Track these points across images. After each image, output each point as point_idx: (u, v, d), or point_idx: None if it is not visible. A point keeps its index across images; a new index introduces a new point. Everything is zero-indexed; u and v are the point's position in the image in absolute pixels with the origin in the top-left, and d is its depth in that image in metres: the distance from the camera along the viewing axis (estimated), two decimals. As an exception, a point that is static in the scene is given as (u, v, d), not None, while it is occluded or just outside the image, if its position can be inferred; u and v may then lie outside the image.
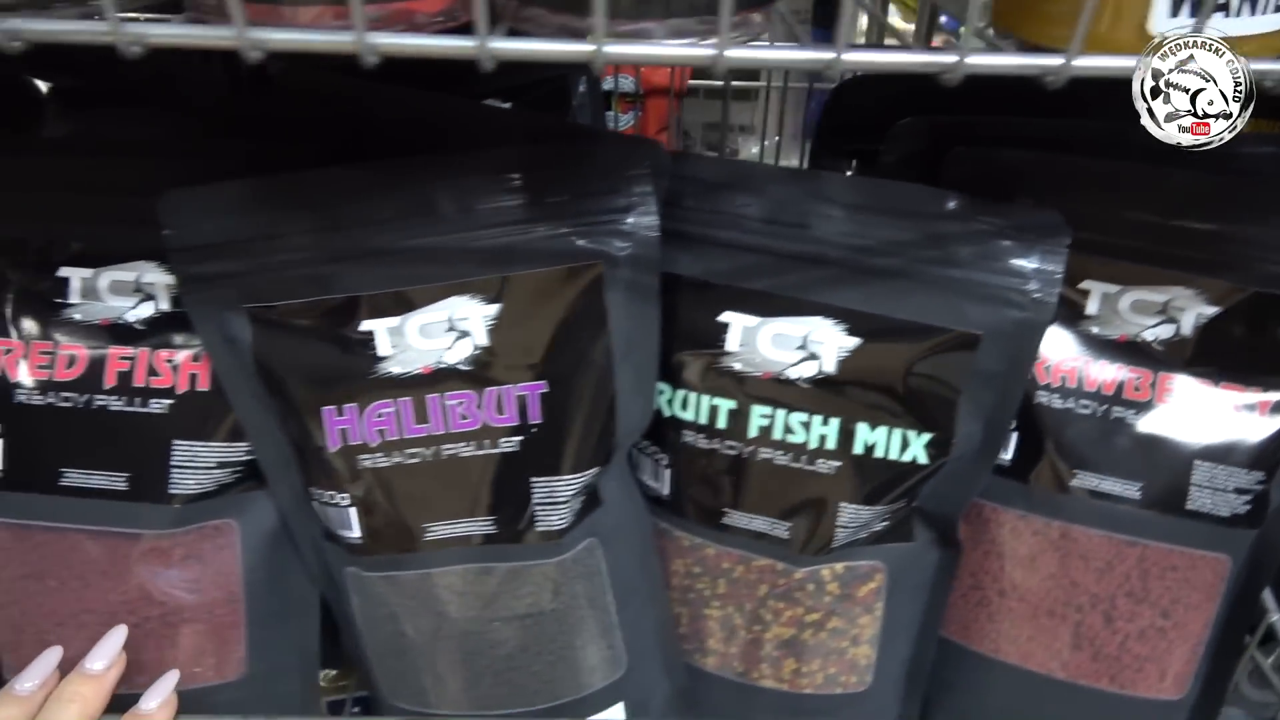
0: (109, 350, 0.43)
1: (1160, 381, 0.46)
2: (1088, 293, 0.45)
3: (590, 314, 0.40)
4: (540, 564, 0.42)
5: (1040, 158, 0.46)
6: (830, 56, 0.26)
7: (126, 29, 0.27)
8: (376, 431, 0.41)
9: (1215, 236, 0.44)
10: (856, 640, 0.46)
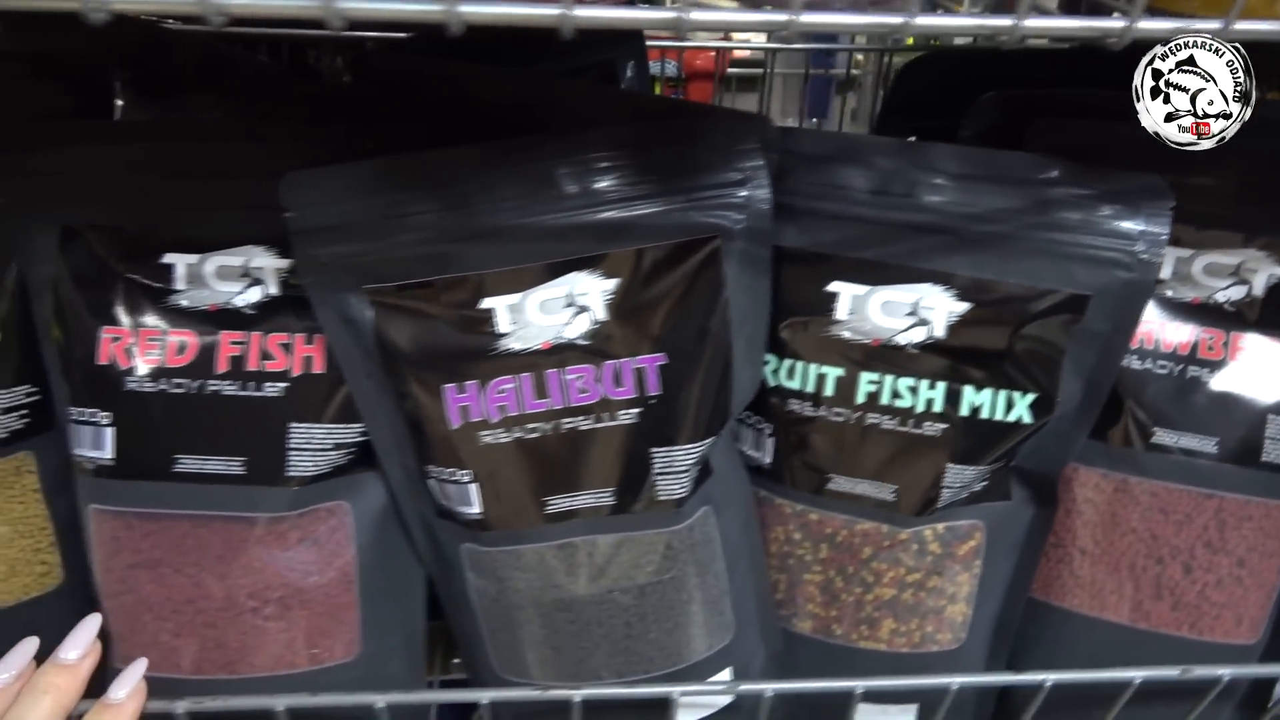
0: (220, 335, 0.43)
1: (1233, 341, 0.48)
2: (1163, 258, 0.47)
3: (708, 286, 0.41)
4: (660, 532, 0.43)
5: (1118, 127, 0.47)
6: (1008, 24, 0.27)
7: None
8: (497, 408, 0.41)
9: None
10: (954, 598, 0.48)
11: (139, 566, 0.43)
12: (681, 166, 0.40)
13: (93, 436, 0.43)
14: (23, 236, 0.43)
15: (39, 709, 0.38)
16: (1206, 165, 0.46)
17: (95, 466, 0.43)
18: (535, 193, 0.40)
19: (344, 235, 0.40)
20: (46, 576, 0.48)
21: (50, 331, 0.44)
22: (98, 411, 0.43)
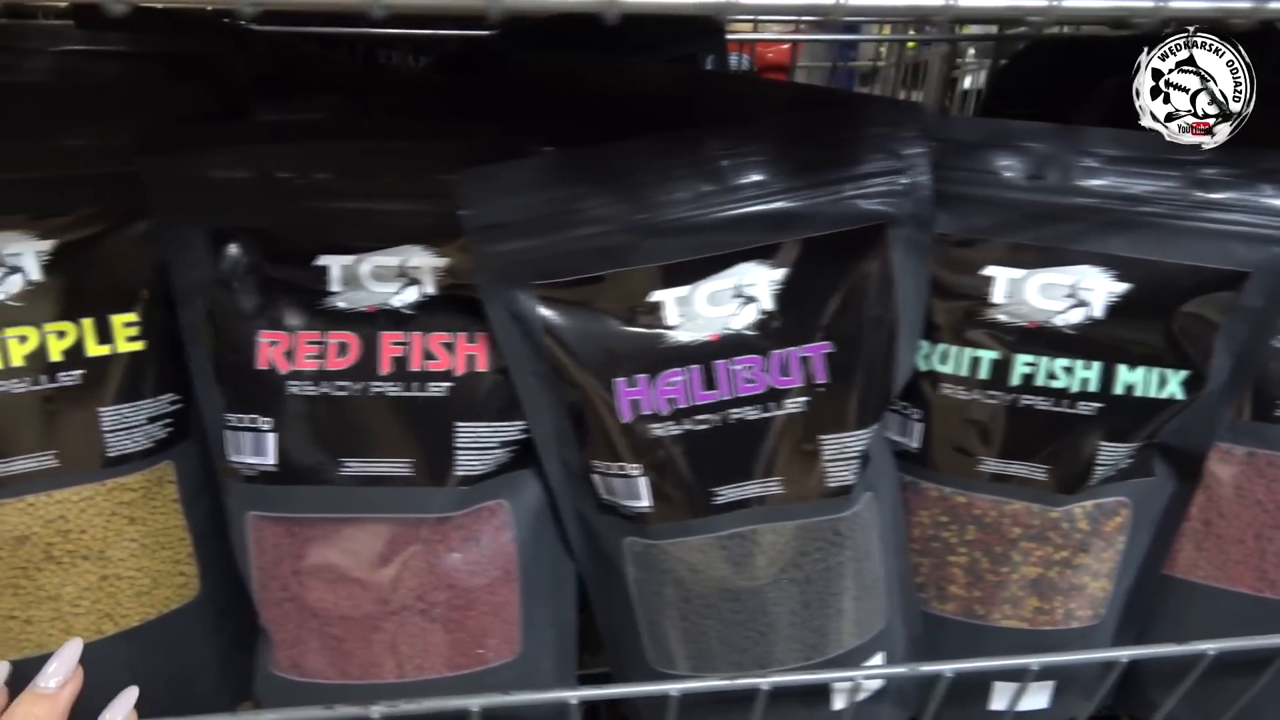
0: (380, 336, 0.42)
1: (1353, 314, 0.49)
2: None
3: (876, 273, 0.42)
4: (829, 519, 0.43)
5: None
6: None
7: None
8: (667, 400, 0.42)
9: None
10: (1097, 575, 0.48)
11: (303, 573, 0.43)
12: (847, 155, 0.41)
13: (253, 442, 0.42)
14: (171, 241, 0.42)
15: None
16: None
17: (256, 472, 0.43)
18: (707, 184, 0.40)
19: (519, 231, 0.40)
20: (185, 588, 0.48)
21: (201, 337, 0.43)
22: (258, 417, 0.42)
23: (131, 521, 0.45)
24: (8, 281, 0.41)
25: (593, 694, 0.42)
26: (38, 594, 0.43)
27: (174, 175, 0.41)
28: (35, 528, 0.43)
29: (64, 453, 0.43)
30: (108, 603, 0.45)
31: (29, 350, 0.41)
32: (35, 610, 0.44)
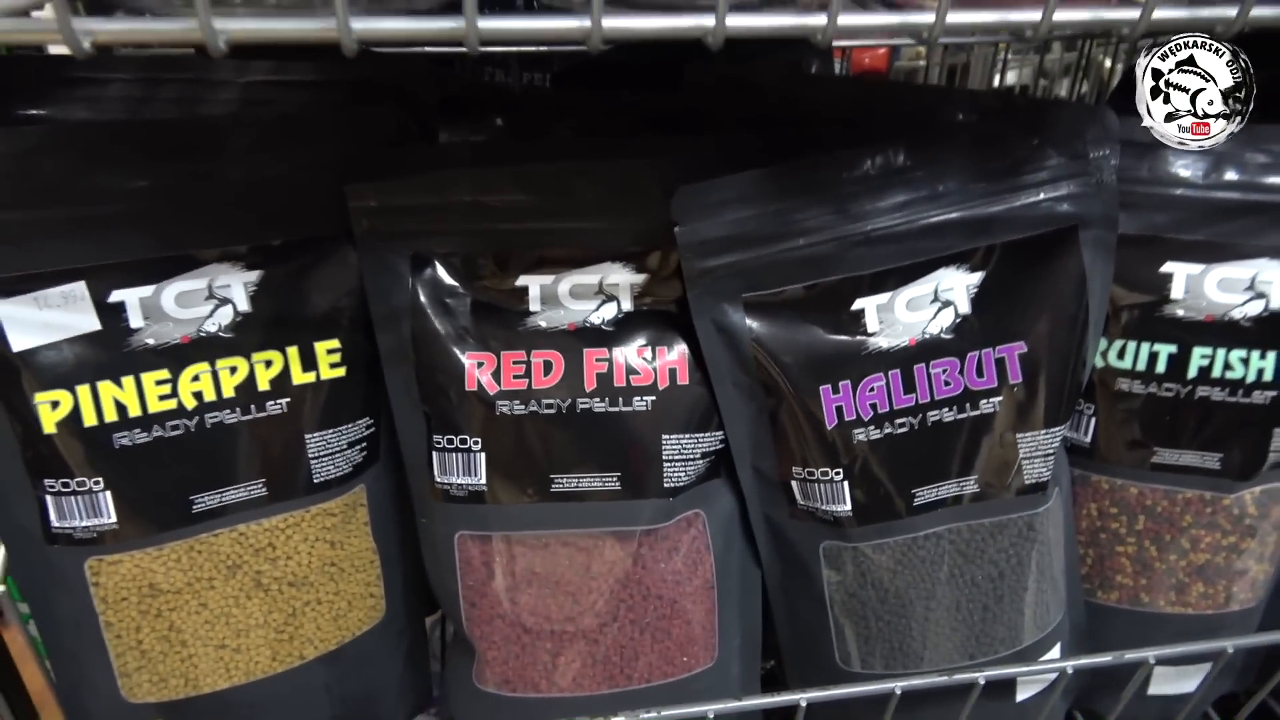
0: (584, 353, 0.43)
1: None
2: None
3: (1069, 274, 0.43)
4: (1025, 515, 0.45)
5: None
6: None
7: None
8: (869, 405, 0.43)
9: None
10: (1261, 558, 0.50)
11: (516, 589, 0.44)
12: (1039, 159, 0.42)
13: (463, 463, 0.43)
14: (373, 267, 0.43)
15: None
16: None
17: (466, 492, 0.43)
18: (908, 193, 0.41)
19: (731, 245, 0.41)
20: (374, 610, 0.48)
21: (402, 362, 0.43)
22: (467, 438, 0.43)
23: (331, 546, 0.45)
24: (219, 313, 0.41)
25: (822, 695, 0.43)
26: (248, 622, 0.44)
27: (377, 202, 0.42)
28: (246, 557, 0.43)
29: (272, 480, 0.43)
30: (310, 628, 0.45)
31: (239, 380, 0.42)
32: (245, 639, 0.44)
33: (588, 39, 0.27)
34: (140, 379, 0.40)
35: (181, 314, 0.40)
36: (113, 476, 0.40)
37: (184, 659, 0.43)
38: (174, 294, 0.40)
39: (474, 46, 0.26)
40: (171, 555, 0.42)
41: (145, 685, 0.43)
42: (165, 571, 0.42)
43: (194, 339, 0.41)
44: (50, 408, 0.39)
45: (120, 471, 0.40)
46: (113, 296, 0.39)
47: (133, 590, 0.42)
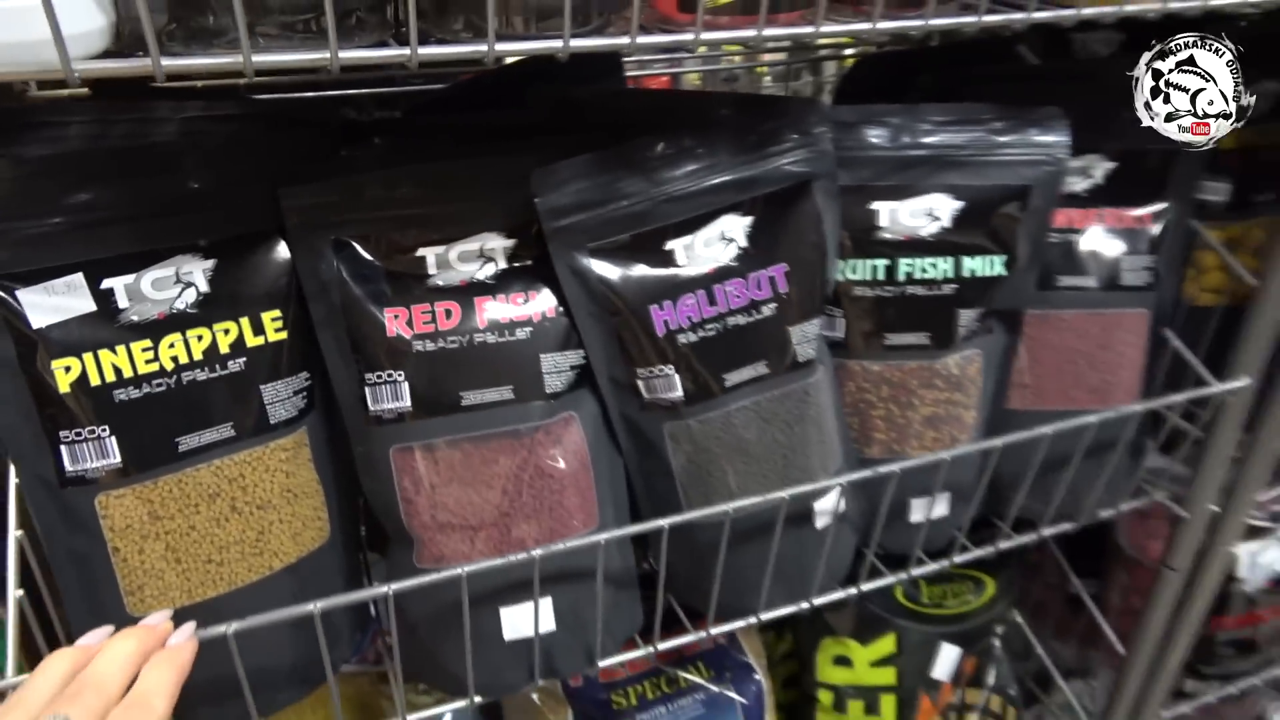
0: (475, 300, 0.57)
1: (1090, 214, 0.74)
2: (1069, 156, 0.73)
3: (810, 213, 0.61)
4: (802, 384, 0.63)
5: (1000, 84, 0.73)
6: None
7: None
8: (686, 317, 0.59)
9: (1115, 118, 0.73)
10: (968, 407, 0.71)
11: (441, 484, 0.57)
12: (782, 136, 0.60)
13: (391, 392, 0.56)
14: (304, 252, 0.55)
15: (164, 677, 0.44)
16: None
17: (395, 415, 0.56)
18: (696, 164, 0.58)
19: (575, 209, 0.56)
20: (322, 531, 0.60)
21: (334, 323, 0.56)
22: (393, 372, 0.56)
23: (287, 475, 0.57)
24: (185, 294, 0.53)
25: (678, 519, 0.59)
26: (226, 539, 0.55)
27: (305, 201, 0.55)
28: (223, 485, 0.54)
29: (238, 423, 0.55)
30: (276, 543, 0.57)
31: (205, 346, 0.53)
32: (226, 553, 0.55)
33: (408, 63, 0.42)
34: (130, 347, 0.51)
35: (157, 295, 0.52)
36: (115, 425, 0.51)
37: (180, 574, 0.54)
38: (150, 280, 0.52)
39: (333, 71, 0.41)
40: (165, 487, 0.53)
41: (149, 600, 0.53)
42: (160, 501, 0.52)
43: (168, 315, 0.52)
44: (64, 371, 0.49)
45: (121, 421, 0.51)
46: (104, 284, 0.50)
47: (135, 519, 0.52)
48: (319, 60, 0.39)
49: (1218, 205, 0.84)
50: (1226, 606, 0.98)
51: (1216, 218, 0.84)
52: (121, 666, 0.43)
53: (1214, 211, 0.84)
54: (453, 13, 0.44)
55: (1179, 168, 0.74)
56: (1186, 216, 0.76)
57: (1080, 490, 0.77)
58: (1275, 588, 0.99)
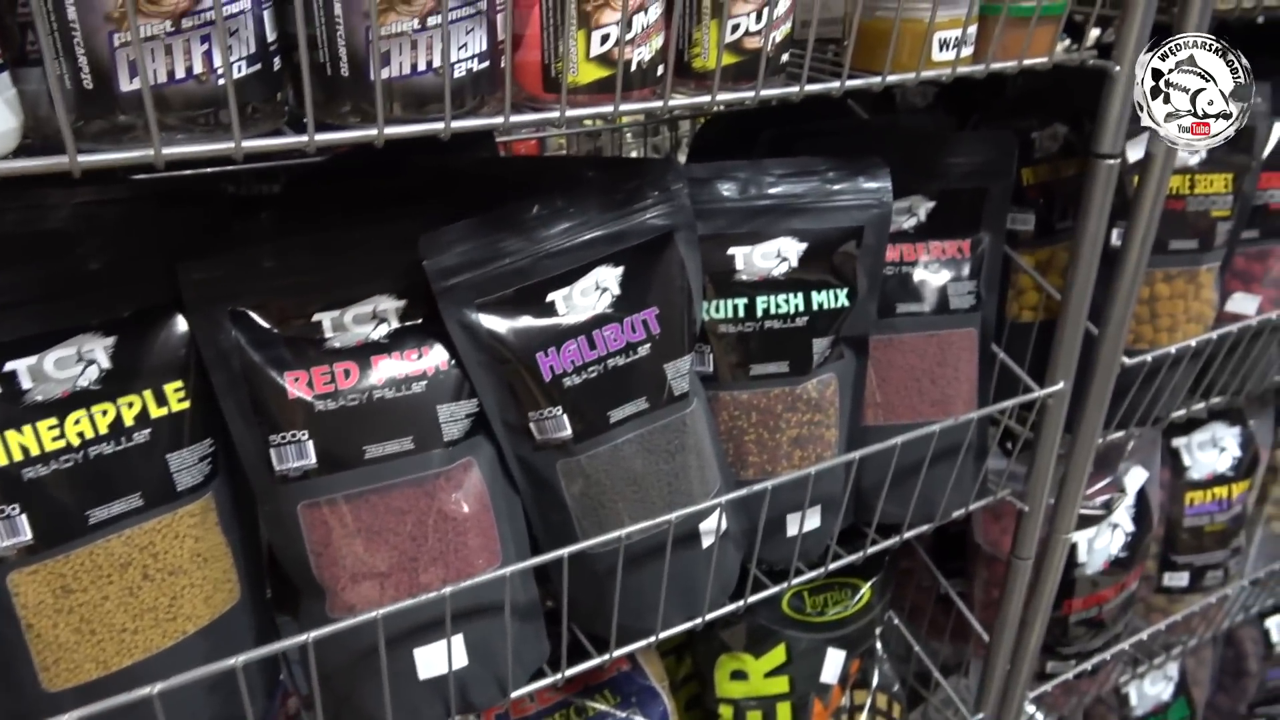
0: (371, 359, 0.61)
1: (918, 248, 0.84)
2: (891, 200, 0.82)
3: (673, 262, 0.68)
4: (679, 416, 0.69)
5: (829, 137, 0.82)
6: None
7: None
8: (570, 362, 0.65)
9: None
10: (829, 426, 0.78)
11: (349, 535, 0.60)
12: (643, 194, 0.67)
13: (296, 451, 0.59)
14: (202, 323, 0.58)
15: None
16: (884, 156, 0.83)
17: (301, 473, 0.59)
18: (568, 223, 0.64)
19: (461, 269, 0.61)
20: (232, 592, 0.62)
21: (236, 390, 0.59)
22: (297, 432, 0.59)
23: (196, 540, 0.59)
24: (88, 372, 0.55)
25: (575, 548, 0.63)
26: (140, 607, 0.57)
27: (201, 274, 0.58)
28: (134, 554, 0.56)
29: (146, 492, 0.57)
30: (188, 608, 0.59)
31: (110, 420, 0.56)
32: (140, 621, 0.57)
33: (306, 148, 0.47)
34: (36, 426, 0.53)
35: (60, 375, 0.54)
36: (25, 503, 0.52)
37: (95, 645, 0.55)
38: (53, 360, 0.54)
39: (313, 150, 0.45)
40: (77, 560, 0.54)
41: (64, 674, 0.54)
42: (73, 574, 0.54)
43: (72, 393, 0.54)
44: (-28, 455, 0.51)
45: (30, 499, 0.52)
46: (7, 367, 0.52)
47: (48, 594, 0.53)
48: (225, 150, 0.43)
49: (1026, 233, 0.97)
50: (1073, 590, 1.09)
51: (1026, 244, 0.96)
52: None
53: (1024, 239, 0.96)
54: (340, 99, 0.49)
55: (990, 203, 0.85)
56: (1000, 244, 0.87)
57: (933, 494, 0.86)
58: (1112, 569, 1.11)
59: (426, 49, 0.47)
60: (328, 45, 0.47)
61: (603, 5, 0.50)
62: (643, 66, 0.53)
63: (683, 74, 0.58)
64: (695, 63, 0.57)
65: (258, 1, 0.44)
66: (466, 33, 0.48)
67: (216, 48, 0.43)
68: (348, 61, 0.47)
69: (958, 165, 0.83)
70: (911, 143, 0.84)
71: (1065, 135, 0.99)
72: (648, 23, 0.52)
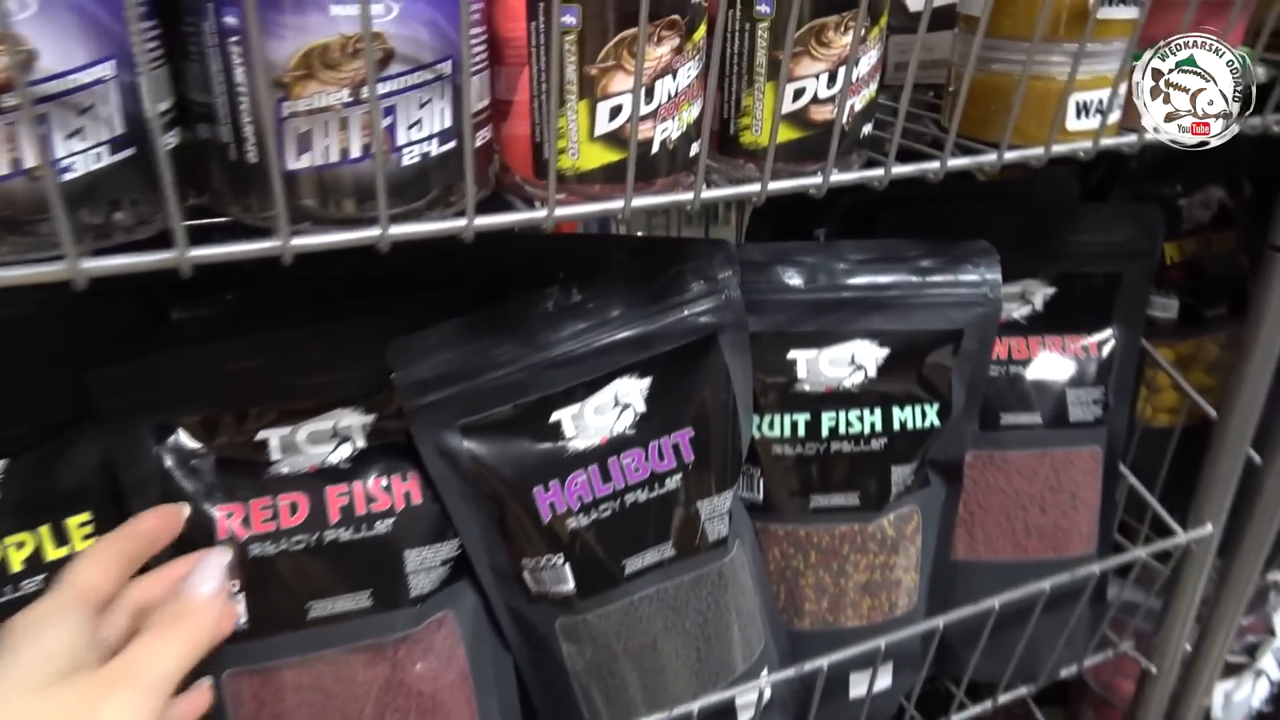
0: (325, 490, 0.49)
1: (1031, 343, 0.68)
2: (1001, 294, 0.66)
3: (716, 369, 0.54)
4: (714, 567, 0.55)
5: (930, 210, 0.67)
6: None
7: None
8: (576, 498, 0.51)
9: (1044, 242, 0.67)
10: (907, 569, 0.63)
11: (287, 713, 0.48)
12: (680, 285, 0.53)
13: (223, 606, 0.47)
14: (119, 440, 0.47)
15: (170, 651, 0.37)
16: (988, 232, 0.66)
17: (229, 635, 0.47)
18: (582, 323, 0.51)
19: (442, 382, 0.49)
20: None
21: (156, 523, 0.48)
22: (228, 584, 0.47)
23: (100, 708, 0.48)
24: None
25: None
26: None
27: (117, 383, 0.46)
28: None
29: (33, 655, 0.45)
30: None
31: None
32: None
33: (281, 254, 0.35)
34: (-113, 580, 0.42)
35: (-74, 511, 0.43)
36: None
37: None
38: (-84, 494, 0.43)
39: (186, 271, 0.33)
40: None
41: None
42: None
43: (-59, 533, 0.43)
44: None
45: None
46: None
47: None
48: (164, 262, 0.32)
49: (1167, 322, 0.79)
50: (1202, 745, 0.90)
51: (1167, 335, 0.79)
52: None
53: (1164, 329, 0.79)
54: (247, 192, 0.36)
55: (1125, 290, 0.68)
56: (1136, 341, 0.70)
57: (1038, 649, 0.69)
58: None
59: (362, 128, 0.34)
60: (231, 121, 0.34)
61: (613, 68, 0.36)
62: (669, 146, 0.39)
63: (729, 149, 0.44)
64: (744, 137, 0.43)
65: (126, 69, 0.32)
66: (419, 106, 0.35)
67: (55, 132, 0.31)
68: (255, 143, 0.34)
69: (1086, 244, 0.67)
70: (1028, 215, 0.68)
71: (1220, 201, 0.81)
72: (676, 90, 0.38)
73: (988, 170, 0.78)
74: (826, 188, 0.42)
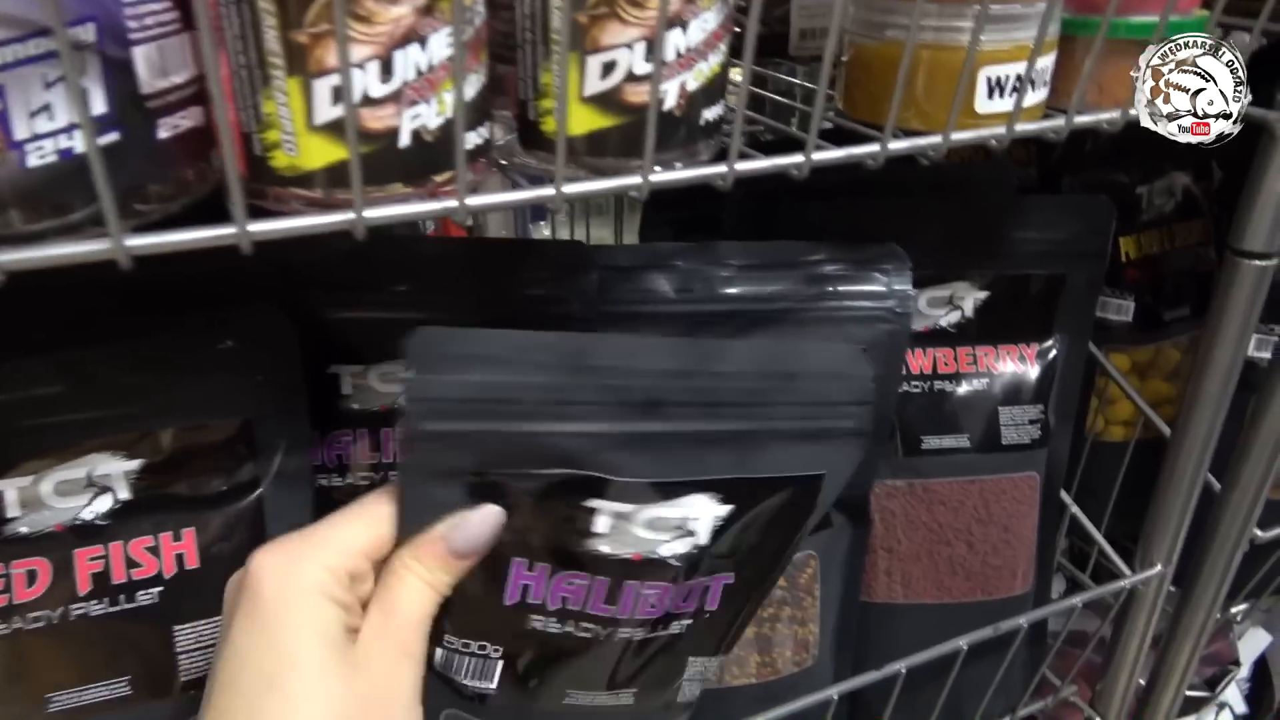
0: (75, 554, 0.41)
1: (960, 355, 0.59)
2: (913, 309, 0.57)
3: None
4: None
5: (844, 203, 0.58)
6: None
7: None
8: (561, 598, 0.39)
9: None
10: (803, 622, 0.55)
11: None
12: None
13: (-63, 701, 0.39)
14: None
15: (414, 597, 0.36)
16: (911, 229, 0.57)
17: (-55, 735, 0.39)
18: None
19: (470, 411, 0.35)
20: None
21: None
22: (-59, 672, 0.39)
23: None
24: None
25: None
26: None
27: None
28: None
29: None
30: None
31: None
32: None
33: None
34: None
35: None
36: None
37: None
38: None
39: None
40: None
41: None
42: None
43: None
44: None
45: None
46: None
47: None
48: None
49: (1122, 325, 0.71)
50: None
51: (1122, 340, 0.70)
52: None
53: (1118, 333, 0.71)
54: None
55: (1070, 295, 0.59)
56: (1083, 351, 0.61)
57: (963, 702, 0.61)
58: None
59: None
60: None
61: (327, 34, 0.27)
62: (426, 137, 0.30)
63: (531, 141, 0.35)
64: (545, 124, 0.34)
65: None
66: (45, 86, 0.26)
67: None
68: None
69: (1025, 242, 0.58)
70: (959, 209, 0.59)
71: (1185, 189, 0.72)
72: (430, 62, 0.29)
73: (931, 155, 0.69)
74: (647, 190, 0.33)
